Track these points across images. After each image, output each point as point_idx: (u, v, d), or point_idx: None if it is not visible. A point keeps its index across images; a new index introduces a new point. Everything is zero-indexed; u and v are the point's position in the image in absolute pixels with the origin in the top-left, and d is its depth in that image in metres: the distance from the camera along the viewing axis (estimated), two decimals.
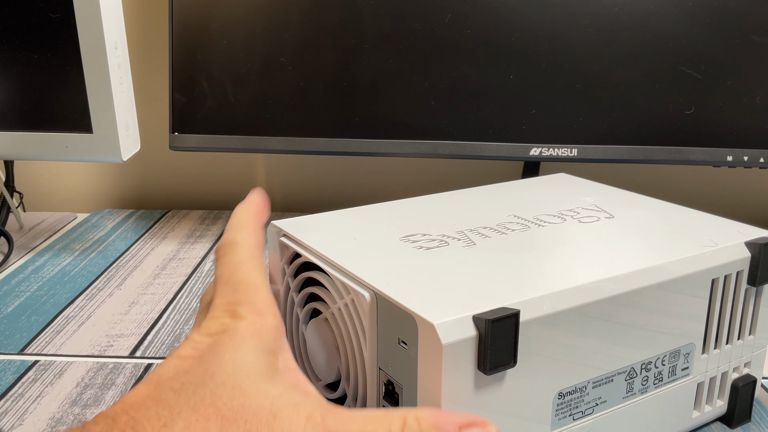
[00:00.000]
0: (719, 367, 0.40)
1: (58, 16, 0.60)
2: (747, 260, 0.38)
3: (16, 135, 0.63)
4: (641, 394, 0.36)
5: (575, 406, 0.34)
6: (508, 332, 0.30)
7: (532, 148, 0.66)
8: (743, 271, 0.39)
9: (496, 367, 0.30)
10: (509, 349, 0.30)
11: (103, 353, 0.49)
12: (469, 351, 0.29)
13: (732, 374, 0.41)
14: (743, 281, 0.39)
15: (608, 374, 0.34)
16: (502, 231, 0.40)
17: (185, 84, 0.66)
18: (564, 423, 0.33)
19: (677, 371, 0.38)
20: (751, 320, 0.40)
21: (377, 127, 0.66)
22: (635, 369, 0.35)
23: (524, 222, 0.41)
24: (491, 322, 0.29)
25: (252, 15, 0.65)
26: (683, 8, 0.63)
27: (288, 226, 0.40)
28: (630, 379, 0.35)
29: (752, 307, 0.40)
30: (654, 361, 0.36)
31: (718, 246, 0.38)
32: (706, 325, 0.38)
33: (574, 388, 0.33)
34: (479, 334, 0.29)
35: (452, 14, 0.64)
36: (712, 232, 0.40)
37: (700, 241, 0.39)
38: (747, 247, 0.39)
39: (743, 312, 0.40)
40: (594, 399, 0.34)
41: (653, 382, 0.37)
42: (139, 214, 0.81)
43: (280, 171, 0.86)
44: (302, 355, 0.40)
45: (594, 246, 0.38)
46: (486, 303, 0.30)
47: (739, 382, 0.41)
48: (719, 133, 0.65)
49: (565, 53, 0.64)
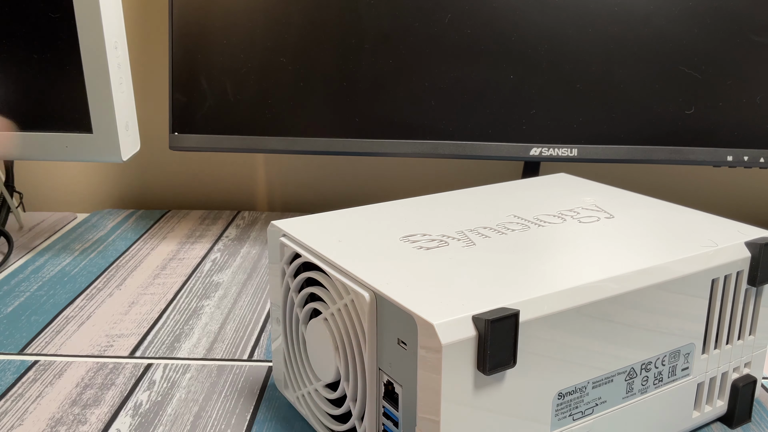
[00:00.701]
0: (719, 367, 0.40)
1: (58, 16, 0.60)
2: (747, 260, 0.39)
3: (16, 135, 0.63)
4: (641, 395, 0.36)
5: (575, 407, 0.34)
6: (507, 332, 0.30)
7: (532, 148, 0.66)
8: (743, 272, 0.39)
9: (496, 368, 0.30)
10: (509, 350, 0.30)
11: (103, 353, 0.49)
12: (468, 351, 0.29)
13: (732, 374, 0.41)
14: (743, 281, 0.39)
15: (608, 374, 0.35)
16: (502, 231, 0.40)
17: (185, 84, 0.66)
18: (564, 423, 0.34)
19: (677, 371, 0.38)
20: (751, 320, 0.40)
21: (377, 127, 0.66)
22: (635, 369, 0.36)
23: (524, 222, 0.41)
24: (491, 323, 0.29)
25: (252, 15, 0.65)
26: (683, 8, 0.63)
27: (288, 226, 0.40)
28: (630, 379, 0.36)
29: (752, 308, 0.40)
30: (654, 362, 0.36)
31: (718, 246, 0.38)
32: (706, 325, 0.38)
33: (574, 389, 0.33)
34: (479, 335, 0.29)
35: (452, 14, 0.64)
36: (712, 232, 0.40)
37: (700, 241, 0.39)
38: (747, 247, 0.39)
39: (743, 312, 0.40)
40: (594, 399, 0.34)
41: (653, 383, 0.37)
42: (139, 214, 0.81)
43: (280, 171, 0.86)
44: (302, 355, 0.40)
45: (594, 246, 0.38)
46: (486, 303, 0.30)
47: (740, 383, 0.41)
48: (719, 133, 0.65)
49: (565, 53, 0.64)
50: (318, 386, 0.38)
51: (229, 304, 0.57)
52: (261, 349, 0.50)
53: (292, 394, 0.41)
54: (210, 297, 0.59)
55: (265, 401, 0.44)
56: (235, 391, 0.45)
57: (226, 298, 0.58)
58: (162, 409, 0.43)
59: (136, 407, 0.43)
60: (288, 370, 0.41)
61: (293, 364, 0.41)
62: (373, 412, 0.34)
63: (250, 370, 0.47)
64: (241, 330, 0.53)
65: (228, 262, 0.67)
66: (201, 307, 0.57)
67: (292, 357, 0.41)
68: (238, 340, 0.51)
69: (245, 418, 0.42)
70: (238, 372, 0.47)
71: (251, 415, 0.42)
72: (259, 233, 0.75)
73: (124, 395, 0.44)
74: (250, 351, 0.50)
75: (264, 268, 0.65)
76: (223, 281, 0.62)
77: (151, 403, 0.43)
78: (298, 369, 0.40)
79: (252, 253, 0.69)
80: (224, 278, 0.63)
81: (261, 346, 0.50)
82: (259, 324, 0.54)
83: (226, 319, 0.55)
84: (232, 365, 0.48)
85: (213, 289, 0.60)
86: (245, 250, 0.70)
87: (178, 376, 0.46)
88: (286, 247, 0.39)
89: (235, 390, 0.45)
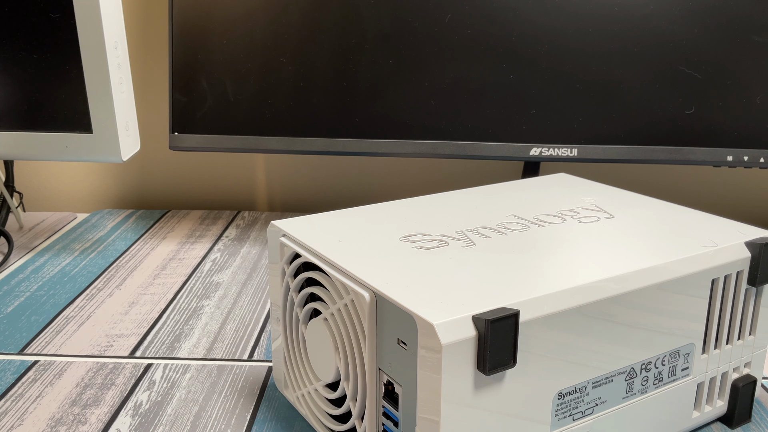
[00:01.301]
0: (719, 367, 0.40)
1: (58, 16, 0.60)
2: (747, 260, 0.39)
3: (16, 135, 0.63)
4: (641, 395, 0.36)
5: (575, 407, 0.34)
6: (507, 332, 0.30)
7: (532, 148, 0.66)
8: (743, 272, 0.39)
9: (496, 368, 0.30)
10: (509, 350, 0.30)
11: (103, 353, 0.49)
12: (468, 351, 0.29)
13: (732, 374, 0.41)
14: (743, 281, 0.39)
15: (608, 374, 0.35)
16: (502, 231, 0.40)
17: (185, 84, 0.66)
18: (564, 423, 0.34)
19: (677, 371, 0.38)
20: (751, 320, 0.40)
21: (377, 127, 0.66)
22: (635, 369, 0.36)
23: (524, 222, 0.41)
24: (491, 323, 0.29)
25: (252, 15, 0.65)
26: (683, 8, 0.63)
27: (288, 226, 0.40)
28: (630, 379, 0.36)
29: (752, 308, 0.40)
30: (654, 362, 0.36)
31: (718, 246, 0.38)
32: (706, 325, 0.38)
33: (574, 389, 0.33)
34: (479, 335, 0.29)
35: (452, 14, 0.64)
36: (712, 232, 0.40)
37: (700, 241, 0.39)
38: (747, 247, 0.39)
39: (743, 312, 0.40)
40: (594, 399, 0.34)
41: (653, 383, 0.37)
42: (139, 214, 0.81)
43: (280, 171, 0.86)
44: (302, 355, 0.40)
45: (594, 246, 0.38)
46: (486, 303, 0.30)
47: (739, 383, 0.41)
48: (719, 133, 0.65)
49: (565, 53, 0.64)
50: (318, 386, 0.38)
51: (229, 304, 0.57)
52: (261, 349, 0.50)
53: (292, 393, 0.41)
54: (210, 297, 0.59)
55: (265, 401, 0.44)
56: (235, 391, 0.45)
57: (226, 298, 0.58)
58: (162, 409, 0.43)
59: (136, 407, 0.43)
60: (288, 369, 0.41)
61: (293, 364, 0.41)
62: (373, 412, 0.34)
63: (250, 370, 0.47)
64: (241, 330, 0.53)
65: (228, 262, 0.67)
66: (201, 307, 0.57)
67: (292, 357, 0.41)
68: (238, 340, 0.51)
69: (245, 418, 0.42)
70: (238, 372, 0.47)
71: (251, 415, 0.42)
72: (259, 233, 0.75)
73: (124, 395, 0.44)
74: (250, 351, 0.50)
75: (264, 268, 0.65)
76: (223, 281, 0.62)
77: (151, 403, 0.43)
78: (297, 369, 0.40)
79: (252, 253, 0.69)
80: (224, 278, 0.63)
81: (261, 346, 0.50)
82: (259, 324, 0.54)
83: (226, 319, 0.55)
84: (232, 365, 0.48)
85: (213, 289, 0.60)
86: (245, 250, 0.70)
87: (178, 376, 0.46)
88: (285, 247, 0.39)
89: (235, 390, 0.45)
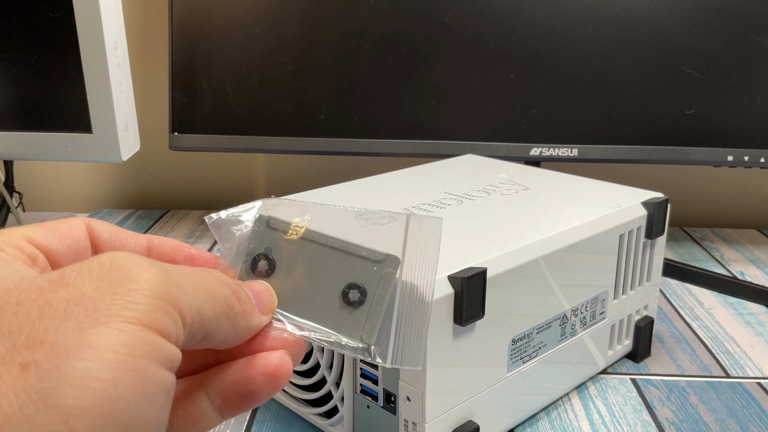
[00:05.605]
0: (626, 310, 0.47)
1: (58, 16, 0.60)
2: (644, 218, 0.46)
3: (16, 135, 0.63)
4: (571, 337, 0.43)
5: (524, 351, 0.39)
6: (478, 288, 0.34)
7: (532, 148, 0.66)
8: (642, 228, 0.46)
9: (469, 319, 0.34)
10: (479, 303, 0.34)
11: None
12: (447, 306, 0.33)
13: (635, 316, 0.48)
14: (642, 235, 0.46)
15: (547, 321, 0.40)
16: (441, 206, 0.44)
17: (185, 84, 0.66)
18: (516, 366, 0.39)
19: (596, 315, 0.44)
20: (648, 268, 0.48)
21: (377, 127, 0.66)
22: (567, 315, 0.42)
23: (457, 198, 0.46)
24: (466, 280, 0.32)
25: (252, 15, 0.65)
26: (684, 8, 0.63)
27: None
28: (563, 324, 0.42)
29: (648, 257, 0.48)
30: (579, 308, 0.43)
31: (621, 207, 0.45)
32: (615, 274, 0.45)
33: (524, 335, 0.39)
34: (455, 291, 0.33)
35: (452, 14, 0.64)
36: (614, 197, 0.47)
37: (606, 203, 0.45)
38: (643, 206, 0.46)
39: (642, 261, 0.47)
40: (538, 343, 0.40)
41: (579, 327, 0.43)
42: (139, 214, 0.81)
43: (280, 171, 0.86)
44: None
45: (523, 214, 0.43)
46: (454, 265, 0.34)
47: (641, 323, 0.48)
48: (719, 133, 0.65)
49: (565, 53, 0.64)
50: None
51: None
52: None
53: None
54: None
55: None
56: None
57: None
58: None
59: None
60: None
61: None
62: (350, 375, 0.37)
63: None
64: None
65: None
66: None
67: None
68: None
69: (245, 418, 0.42)
70: None
71: (251, 415, 0.42)
72: None
73: None
74: None
75: None
76: None
77: None
78: None
79: None
80: None
81: None
82: None
83: None
84: None
85: None
86: None
87: None
88: None
89: None
